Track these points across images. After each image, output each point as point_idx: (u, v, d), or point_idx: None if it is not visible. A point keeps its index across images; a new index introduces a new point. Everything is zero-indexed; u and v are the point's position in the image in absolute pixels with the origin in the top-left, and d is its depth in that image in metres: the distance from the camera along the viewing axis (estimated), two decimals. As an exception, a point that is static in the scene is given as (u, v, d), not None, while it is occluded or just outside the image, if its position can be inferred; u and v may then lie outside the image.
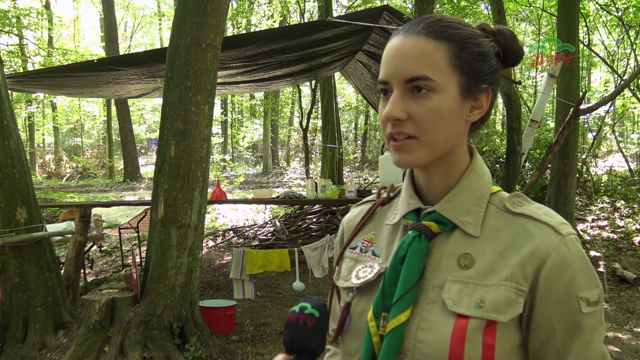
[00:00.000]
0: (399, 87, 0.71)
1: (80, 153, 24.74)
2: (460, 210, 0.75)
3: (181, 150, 3.41)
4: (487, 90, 0.75)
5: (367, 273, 0.80)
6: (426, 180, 0.79)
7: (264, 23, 14.92)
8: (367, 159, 21.20)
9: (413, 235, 0.75)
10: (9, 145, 3.53)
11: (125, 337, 3.20)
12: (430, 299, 0.72)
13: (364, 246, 0.85)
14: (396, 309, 0.71)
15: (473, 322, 0.67)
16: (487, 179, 0.78)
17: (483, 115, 0.76)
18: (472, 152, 0.80)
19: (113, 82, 5.85)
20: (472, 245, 0.73)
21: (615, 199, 8.59)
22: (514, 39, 0.77)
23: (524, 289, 0.68)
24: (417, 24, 0.73)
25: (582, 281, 0.68)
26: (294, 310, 0.79)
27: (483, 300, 0.68)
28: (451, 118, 0.72)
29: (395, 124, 0.72)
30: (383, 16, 5.08)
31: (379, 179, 4.85)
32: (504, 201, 0.75)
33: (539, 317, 0.69)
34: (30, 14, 13.50)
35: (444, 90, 0.70)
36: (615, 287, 5.24)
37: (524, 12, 11.56)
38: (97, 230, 5.30)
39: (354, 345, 0.78)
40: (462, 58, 0.72)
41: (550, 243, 0.68)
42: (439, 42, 0.71)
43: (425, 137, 0.71)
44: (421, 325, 0.71)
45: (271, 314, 4.54)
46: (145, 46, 27.67)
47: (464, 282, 0.71)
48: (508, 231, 0.72)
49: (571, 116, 5.16)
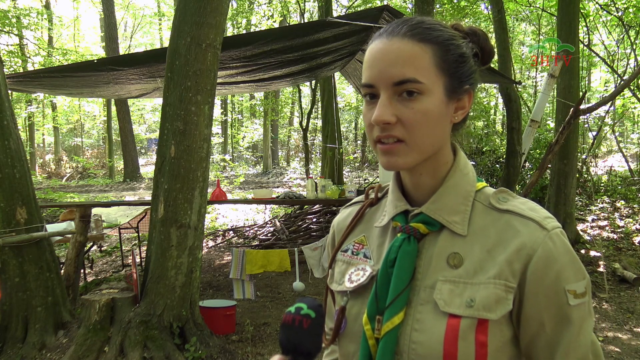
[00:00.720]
0: (386, 91, 0.71)
1: (80, 153, 24.74)
2: (447, 210, 0.75)
3: (181, 150, 3.41)
4: (468, 91, 0.76)
5: (359, 276, 0.80)
6: (413, 181, 0.79)
7: (264, 23, 14.92)
8: (367, 159, 21.19)
9: (402, 238, 0.76)
10: (9, 145, 3.53)
11: (125, 337, 3.20)
12: (423, 299, 0.73)
13: (355, 248, 0.85)
14: (390, 312, 0.72)
15: (465, 321, 0.69)
16: (471, 176, 0.79)
17: (465, 115, 0.78)
18: (456, 150, 0.80)
19: (113, 82, 5.84)
20: (461, 245, 0.74)
21: (615, 199, 8.59)
22: (487, 38, 0.79)
23: (512, 286, 0.70)
24: (401, 26, 0.73)
25: (568, 274, 0.69)
26: (289, 311, 0.80)
27: (473, 300, 0.69)
28: (438, 120, 0.73)
29: (384, 127, 0.71)
30: (383, 16, 5.08)
31: (379, 179, 4.85)
32: (489, 198, 0.76)
33: (529, 312, 0.70)
34: (30, 14, 13.50)
35: (431, 92, 0.71)
36: (615, 287, 5.24)
37: (524, 12, 11.56)
38: (97, 230, 5.31)
39: (351, 348, 0.79)
40: (446, 60, 0.72)
41: (536, 239, 0.70)
42: (424, 44, 0.71)
43: (413, 140, 0.71)
44: (415, 327, 0.72)
45: (271, 314, 4.54)
46: (145, 46, 27.68)
47: (454, 282, 0.72)
48: (494, 228, 0.73)
49: (571, 116, 5.16)
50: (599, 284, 5.16)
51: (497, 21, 7.09)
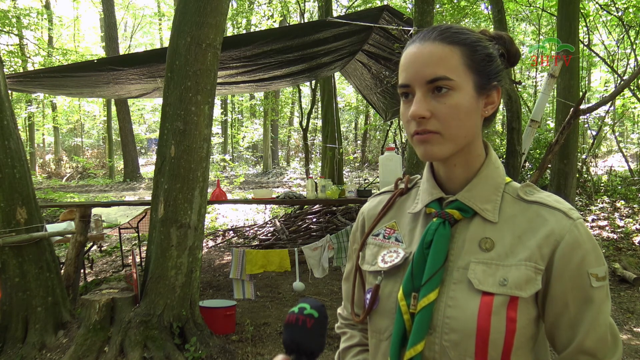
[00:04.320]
0: (421, 89, 0.79)
1: (80, 153, 24.74)
2: (480, 199, 0.82)
3: (181, 150, 3.41)
4: (497, 87, 0.83)
5: (393, 257, 0.87)
6: (447, 172, 0.86)
7: (264, 23, 14.93)
8: (367, 159, 21.20)
9: (438, 222, 0.83)
10: (9, 145, 3.52)
11: (125, 337, 3.20)
12: (456, 279, 0.79)
13: (387, 233, 0.92)
14: (426, 289, 0.78)
15: (498, 298, 0.75)
16: (501, 170, 0.86)
17: (495, 110, 0.85)
18: (487, 147, 0.87)
19: (113, 82, 5.85)
20: (492, 230, 0.81)
21: (615, 199, 8.60)
22: (512, 42, 0.87)
23: (541, 268, 0.77)
24: (431, 32, 0.81)
25: (591, 259, 0.77)
26: (293, 311, 0.81)
27: (506, 279, 0.76)
28: (469, 113, 0.80)
29: (420, 122, 0.78)
30: (383, 16, 5.08)
31: (379, 179, 4.85)
32: (517, 190, 0.84)
33: (555, 292, 0.77)
34: (30, 14, 13.51)
35: (461, 88, 0.78)
36: (615, 287, 5.24)
37: (524, 12, 11.56)
38: (97, 230, 5.30)
39: (384, 323, 0.85)
40: (474, 59, 0.80)
41: (563, 226, 0.77)
42: (453, 46, 0.79)
43: (448, 132, 0.78)
44: (449, 303, 0.78)
45: (271, 314, 4.54)
46: (145, 46, 27.69)
47: (486, 263, 0.78)
48: (524, 217, 0.80)
49: (571, 116, 5.17)
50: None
51: (497, 21, 7.07)
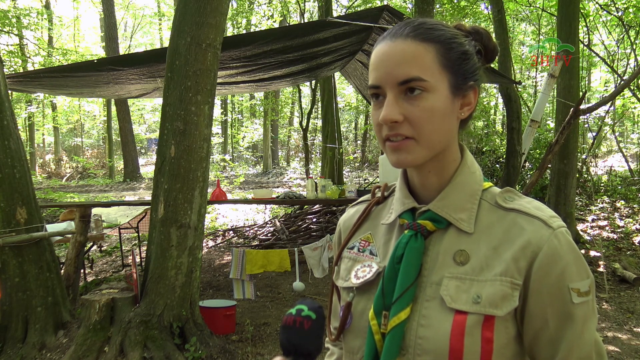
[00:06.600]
0: (392, 90, 0.72)
1: (80, 153, 24.74)
2: (454, 208, 0.76)
3: (181, 150, 3.41)
4: (473, 87, 0.77)
5: (366, 272, 0.81)
6: (421, 179, 0.80)
7: (264, 23, 14.92)
8: (367, 159, 21.19)
9: (409, 235, 0.77)
10: (9, 145, 3.53)
11: (125, 337, 3.20)
12: (429, 295, 0.73)
13: (362, 246, 0.86)
14: (396, 307, 0.73)
15: (471, 317, 0.69)
16: (478, 175, 0.80)
17: (471, 111, 0.79)
18: (463, 150, 0.81)
19: (113, 82, 5.84)
20: (467, 242, 0.75)
21: (615, 199, 8.60)
22: (490, 37, 0.80)
23: (518, 283, 0.70)
24: (404, 28, 0.74)
25: (572, 272, 0.70)
26: (290, 312, 0.80)
27: (480, 296, 0.70)
28: (445, 116, 0.73)
29: (392, 126, 0.72)
30: (383, 16, 5.08)
31: (379, 179, 4.85)
32: (496, 197, 0.77)
33: (533, 309, 0.71)
34: (30, 14, 13.50)
35: (436, 90, 0.72)
36: (615, 287, 5.24)
37: (524, 12, 11.56)
38: (97, 230, 5.30)
39: (356, 343, 0.79)
40: (449, 58, 0.73)
41: (541, 237, 0.70)
42: (427, 44, 0.72)
43: (422, 137, 0.72)
44: (421, 322, 0.72)
45: (271, 314, 4.54)
46: (145, 46, 27.68)
47: (460, 278, 0.72)
48: (501, 226, 0.74)
49: (571, 116, 5.17)
50: (599, 284, 5.16)
51: (497, 21, 7.08)
